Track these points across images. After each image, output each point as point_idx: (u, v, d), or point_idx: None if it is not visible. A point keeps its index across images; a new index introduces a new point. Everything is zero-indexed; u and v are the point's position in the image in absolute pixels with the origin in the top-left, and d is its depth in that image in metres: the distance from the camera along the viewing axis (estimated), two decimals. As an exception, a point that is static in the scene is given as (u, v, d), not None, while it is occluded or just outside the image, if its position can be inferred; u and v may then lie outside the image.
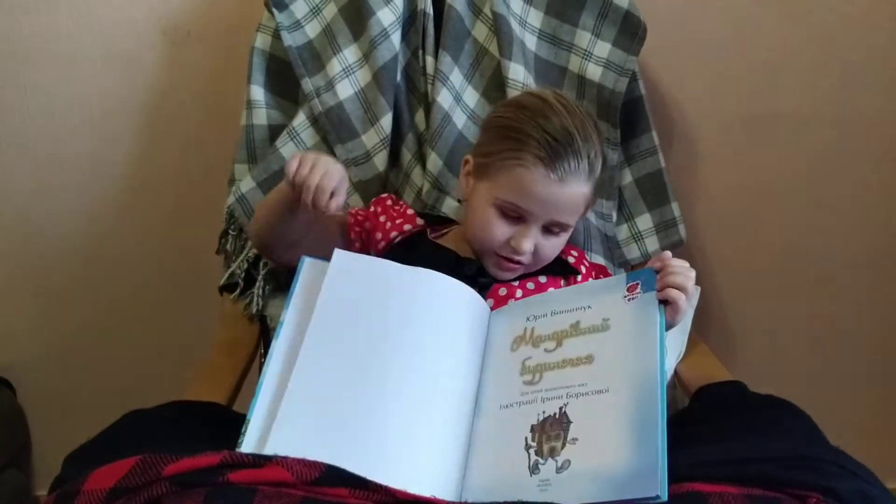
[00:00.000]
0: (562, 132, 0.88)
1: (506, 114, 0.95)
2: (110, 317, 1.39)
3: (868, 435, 1.43)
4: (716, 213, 1.35)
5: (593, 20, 1.13)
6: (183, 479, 0.65)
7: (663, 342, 0.74)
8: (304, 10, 1.13)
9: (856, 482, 0.69)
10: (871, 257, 1.39)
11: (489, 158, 0.93)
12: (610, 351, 0.76)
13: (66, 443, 0.80)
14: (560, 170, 0.88)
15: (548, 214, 0.91)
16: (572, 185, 0.89)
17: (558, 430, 0.72)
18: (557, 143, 0.88)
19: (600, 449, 0.69)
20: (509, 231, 0.92)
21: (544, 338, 0.82)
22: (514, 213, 0.92)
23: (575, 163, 0.88)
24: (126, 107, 1.27)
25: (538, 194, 0.89)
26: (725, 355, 1.36)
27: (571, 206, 0.92)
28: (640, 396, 0.70)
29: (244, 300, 1.15)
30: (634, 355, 0.74)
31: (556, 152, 0.88)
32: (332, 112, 1.09)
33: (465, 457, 0.76)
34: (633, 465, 0.66)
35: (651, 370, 0.72)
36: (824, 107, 1.30)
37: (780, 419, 0.82)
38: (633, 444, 0.67)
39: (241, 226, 1.13)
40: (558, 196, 0.89)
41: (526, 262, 0.94)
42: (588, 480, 0.67)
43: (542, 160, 0.88)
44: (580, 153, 0.89)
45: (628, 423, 0.69)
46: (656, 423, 0.68)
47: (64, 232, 1.33)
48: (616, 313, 0.79)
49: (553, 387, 0.77)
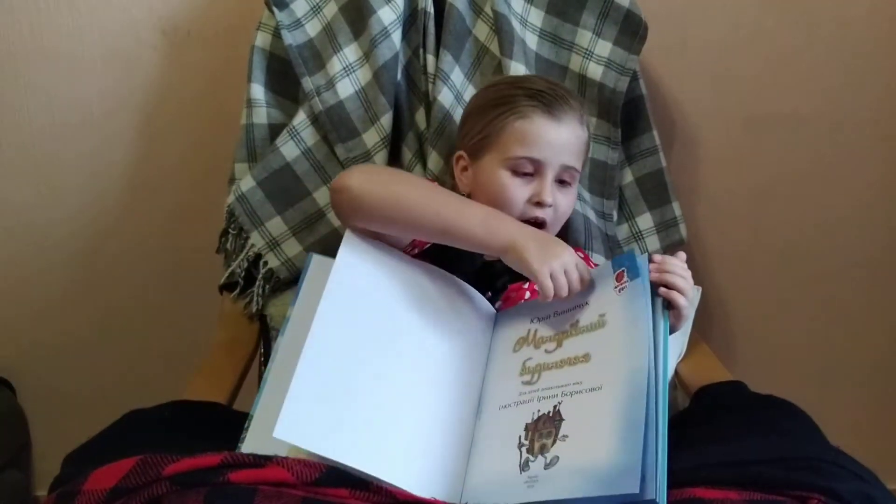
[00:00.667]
0: (543, 84, 0.96)
1: (480, 96, 1.01)
2: (110, 316, 1.39)
3: (869, 435, 1.43)
4: (716, 213, 1.35)
5: (594, 19, 1.13)
6: (183, 478, 0.65)
7: (667, 343, 0.73)
8: (304, 9, 1.13)
9: (857, 483, 0.69)
10: (871, 257, 1.39)
11: (483, 133, 0.95)
12: (605, 347, 0.75)
13: (66, 442, 0.80)
14: (557, 110, 0.93)
15: (558, 158, 0.93)
16: (571, 124, 0.94)
17: (550, 428, 0.72)
18: (543, 93, 0.94)
19: (589, 445, 0.68)
20: (527, 189, 0.93)
21: (546, 339, 0.82)
22: (526, 169, 0.93)
23: (567, 105, 0.94)
24: (126, 106, 1.27)
25: (544, 137, 0.92)
26: (726, 355, 1.36)
27: (576, 147, 0.95)
28: (630, 392, 0.69)
29: (244, 299, 1.15)
30: (627, 350, 0.73)
31: (547, 98, 0.93)
32: (332, 111, 1.09)
33: (467, 458, 0.76)
34: (619, 460, 0.65)
35: (640, 365, 0.70)
36: (825, 107, 1.30)
37: (781, 420, 0.82)
38: (620, 440, 0.66)
39: (240, 225, 1.13)
40: (561, 136, 0.93)
41: (550, 218, 0.95)
42: (574, 475, 0.66)
43: (538, 107, 0.93)
44: (567, 98, 0.95)
45: (618, 419, 0.68)
46: (644, 419, 0.66)
47: (64, 231, 1.33)
48: (610, 307, 0.77)
49: (549, 386, 0.76)
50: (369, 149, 1.10)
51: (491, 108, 0.95)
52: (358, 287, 0.80)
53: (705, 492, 0.67)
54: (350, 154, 1.10)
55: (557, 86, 0.97)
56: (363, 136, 1.10)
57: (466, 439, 0.78)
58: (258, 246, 1.13)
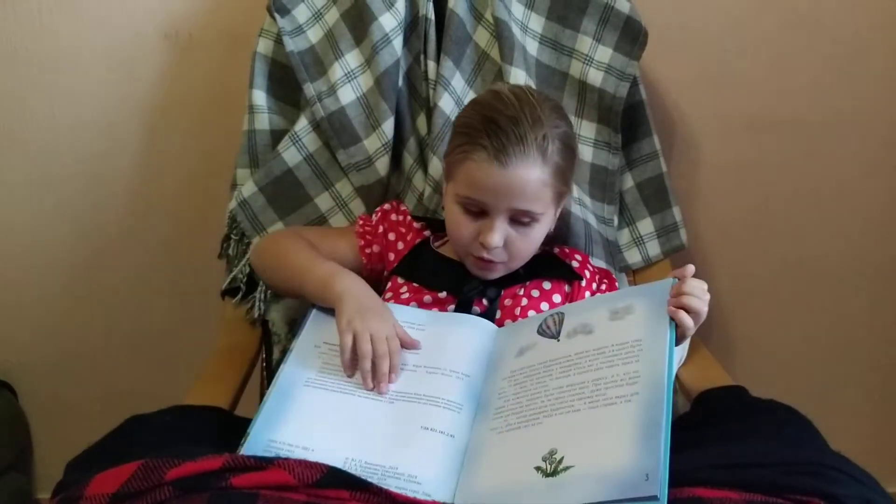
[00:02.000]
0: (505, 119, 0.89)
1: (462, 113, 0.97)
2: (112, 321, 1.39)
3: (870, 440, 1.43)
4: (717, 218, 1.35)
5: (595, 25, 1.13)
6: (186, 483, 0.65)
7: (672, 354, 0.75)
8: (306, 15, 1.14)
9: (858, 488, 0.69)
10: (872, 262, 1.39)
11: (448, 158, 0.95)
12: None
13: (67, 447, 0.81)
14: (503, 155, 0.88)
15: (503, 203, 0.90)
16: (519, 169, 0.88)
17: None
18: (500, 130, 0.88)
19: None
20: (475, 227, 0.92)
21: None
22: (474, 208, 0.92)
23: (519, 147, 0.88)
24: (128, 111, 1.28)
25: (486, 183, 0.89)
26: (727, 360, 1.35)
27: (526, 192, 0.89)
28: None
29: (246, 305, 1.15)
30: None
31: (499, 139, 0.88)
32: (333, 117, 1.10)
33: (462, 461, 0.77)
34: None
35: (659, 375, 0.73)
36: (826, 112, 1.30)
37: (782, 424, 0.82)
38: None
39: (242, 230, 1.13)
40: (506, 182, 0.88)
41: (499, 259, 0.94)
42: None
43: (486, 148, 0.88)
44: (525, 137, 0.88)
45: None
46: (661, 426, 0.68)
47: (65, 235, 1.34)
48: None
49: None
50: (371, 154, 1.10)
51: (460, 135, 0.93)
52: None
53: (705, 492, 0.67)
54: (351, 160, 1.10)
55: (524, 119, 0.89)
56: (364, 141, 1.10)
57: (463, 442, 0.78)
58: (260, 251, 1.13)
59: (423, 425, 0.78)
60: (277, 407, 0.81)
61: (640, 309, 0.81)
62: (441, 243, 1.04)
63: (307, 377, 0.84)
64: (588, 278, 1.02)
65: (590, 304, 0.92)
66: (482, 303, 0.96)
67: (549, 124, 0.90)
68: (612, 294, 0.97)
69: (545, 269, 1.00)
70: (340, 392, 0.82)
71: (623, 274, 1.20)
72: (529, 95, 0.92)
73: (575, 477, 0.69)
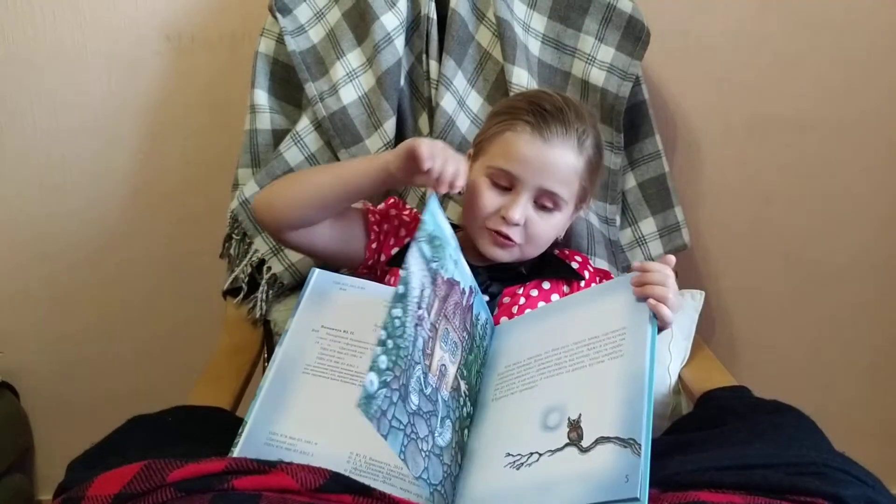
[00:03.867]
0: (552, 104, 0.93)
1: (504, 101, 1.00)
2: (114, 321, 1.39)
3: (874, 441, 1.43)
4: (719, 218, 1.35)
5: (597, 25, 1.13)
6: (188, 485, 0.65)
7: (653, 345, 0.74)
8: (307, 15, 1.14)
9: (862, 489, 0.69)
10: (875, 261, 1.38)
11: (482, 136, 0.97)
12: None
13: (69, 447, 0.80)
14: (546, 131, 0.91)
15: (535, 179, 0.91)
16: (558, 149, 0.91)
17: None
18: (546, 112, 0.92)
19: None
20: (499, 201, 0.93)
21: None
22: (503, 182, 0.92)
23: (562, 129, 0.91)
24: (130, 111, 1.28)
25: (524, 154, 0.91)
26: (729, 360, 1.35)
27: (559, 173, 0.91)
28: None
29: (247, 304, 1.15)
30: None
31: (544, 117, 0.91)
32: (335, 116, 1.10)
33: (458, 467, 0.76)
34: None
35: (641, 371, 0.71)
36: (827, 111, 1.30)
37: (786, 425, 0.82)
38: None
39: (244, 230, 1.13)
40: (544, 158, 0.90)
41: (516, 239, 0.93)
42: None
43: (530, 123, 0.91)
44: (569, 122, 0.92)
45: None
46: (641, 423, 0.67)
47: (67, 236, 1.34)
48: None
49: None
50: (372, 154, 1.10)
51: (497, 115, 0.96)
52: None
53: (709, 495, 0.67)
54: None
55: (568, 109, 0.93)
56: (366, 141, 1.10)
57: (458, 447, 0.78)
58: (262, 251, 1.13)
59: None
60: (275, 395, 0.78)
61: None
62: None
63: (305, 363, 0.81)
64: (588, 279, 1.01)
65: (574, 300, 0.91)
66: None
67: (589, 123, 0.95)
68: (595, 287, 0.96)
69: (546, 269, 1.00)
70: (340, 380, 0.79)
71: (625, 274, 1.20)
72: (573, 99, 0.97)
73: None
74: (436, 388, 0.72)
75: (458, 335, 0.78)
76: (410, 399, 0.67)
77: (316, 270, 0.87)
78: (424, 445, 0.68)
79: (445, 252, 0.80)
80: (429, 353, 0.71)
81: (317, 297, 0.86)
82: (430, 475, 0.68)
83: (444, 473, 0.71)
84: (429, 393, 0.70)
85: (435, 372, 0.72)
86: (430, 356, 0.71)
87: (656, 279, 0.77)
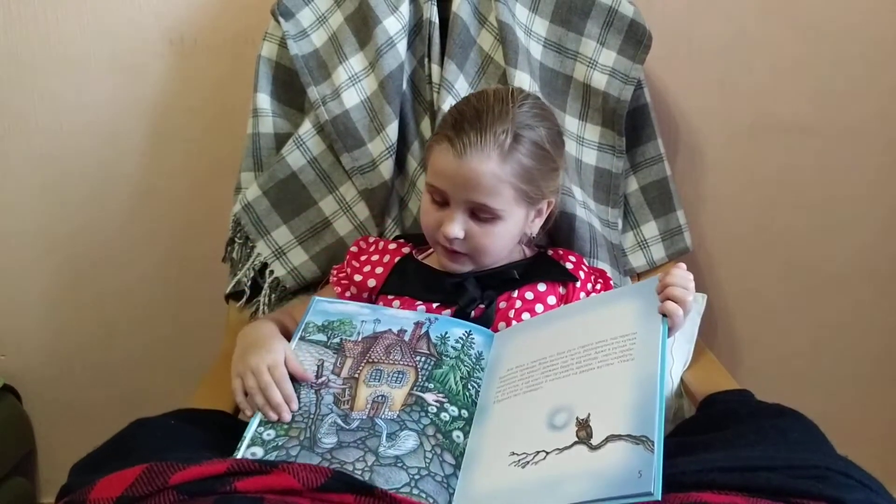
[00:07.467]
0: (471, 111, 0.90)
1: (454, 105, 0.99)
2: (116, 325, 1.39)
3: (876, 445, 1.42)
4: (722, 221, 1.35)
5: (598, 29, 1.13)
6: (190, 487, 0.65)
7: (665, 349, 0.75)
8: (310, 19, 1.14)
9: (864, 492, 0.69)
10: (877, 264, 1.38)
11: (426, 150, 0.98)
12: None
13: (71, 450, 0.81)
14: (459, 143, 0.88)
15: (460, 193, 0.90)
16: (472, 161, 0.88)
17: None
18: (462, 120, 0.90)
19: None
20: (438, 216, 0.93)
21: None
22: (438, 197, 0.93)
23: (476, 137, 0.88)
24: (133, 115, 1.28)
25: (443, 170, 0.90)
26: (732, 364, 1.36)
27: (480, 186, 0.88)
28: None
29: (250, 308, 1.15)
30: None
31: (461, 128, 0.89)
32: (338, 120, 1.10)
33: (459, 466, 0.76)
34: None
35: (653, 373, 0.72)
36: (830, 114, 1.30)
37: (788, 428, 0.82)
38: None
39: (246, 234, 1.13)
40: (460, 172, 0.89)
41: (462, 251, 0.93)
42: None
43: (448, 137, 0.90)
44: (484, 129, 0.88)
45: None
46: (654, 422, 0.68)
47: (70, 239, 1.34)
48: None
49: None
50: (375, 158, 1.10)
51: (438, 126, 0.95)
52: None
53: (712, 497, 0.67)
54: (356, 163, 1.10)
55: (487, 113, 0.89)
56: (369, 145, 1.10)
57: (460, 447, 0.78)
58: (264, 255, 1.13)
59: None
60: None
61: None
62: (426, 255, 1.04)
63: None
64: (583, 279, 1.01)
65: (579, 307, 0.92)
66: (479, 307, 0.95)
67: (518, 123, 0.90)
68: (601, 295, 0.98)
69: (540, 272, 1.00)
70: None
71: (627, 277, 1.20)
72: (509, 95, 0.92)
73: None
74: (369, 417, 0.78)
75: (400, 366, 0.84)
76: (321, 442, 0.76)
77: (315, 298, 0.92)
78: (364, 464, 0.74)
79: (352, 323, 0.88)
80: (347, 398, 0.80)
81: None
82: (390, 482, 0.72)
83: (409, 476, 0.73)
84: (356, 426, 0.78)
85: (363, 407, 0.79)
86: (351, 399, 0.80)
87: (679, 282, 0.80)
